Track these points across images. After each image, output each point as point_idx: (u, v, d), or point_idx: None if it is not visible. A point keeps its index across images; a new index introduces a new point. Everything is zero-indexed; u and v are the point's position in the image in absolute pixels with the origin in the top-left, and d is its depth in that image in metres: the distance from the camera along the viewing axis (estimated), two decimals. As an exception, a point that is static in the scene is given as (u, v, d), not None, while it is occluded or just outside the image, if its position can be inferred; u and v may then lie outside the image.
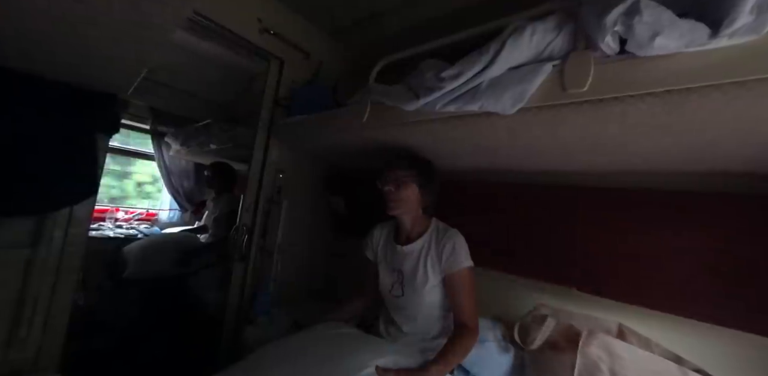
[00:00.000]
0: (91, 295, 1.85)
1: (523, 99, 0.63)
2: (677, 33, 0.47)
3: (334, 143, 1.31)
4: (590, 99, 0.58)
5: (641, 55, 0.52)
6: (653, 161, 0.81)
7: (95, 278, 1.93)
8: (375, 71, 1.00)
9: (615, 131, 0.67)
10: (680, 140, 0.67)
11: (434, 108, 0.74)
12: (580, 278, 0.96)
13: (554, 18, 0.64)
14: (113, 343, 1.77)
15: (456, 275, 0.89)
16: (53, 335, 0.96)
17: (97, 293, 1.90)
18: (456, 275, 0.89)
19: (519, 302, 1.06)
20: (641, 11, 0.49)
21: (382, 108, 0.91)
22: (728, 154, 0.70)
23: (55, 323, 0.96)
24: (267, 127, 1.52)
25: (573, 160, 0.90)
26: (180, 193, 2.81)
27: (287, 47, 1.52)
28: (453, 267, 0.88)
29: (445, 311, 0.97)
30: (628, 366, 0.69)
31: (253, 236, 1.49)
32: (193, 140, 2.27)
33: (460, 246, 0.91)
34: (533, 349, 0.87)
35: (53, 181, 0.87)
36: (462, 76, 0.68)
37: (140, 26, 0.55)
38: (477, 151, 0.96)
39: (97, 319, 1.83)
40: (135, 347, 1.73)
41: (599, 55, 0.58)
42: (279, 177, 1.56)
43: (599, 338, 0.74)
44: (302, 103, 1.44)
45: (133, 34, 0.58)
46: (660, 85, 0.52)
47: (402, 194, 0.94)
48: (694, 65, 0.49)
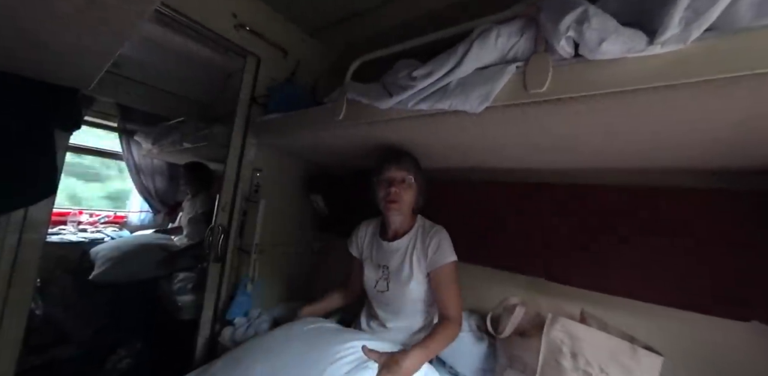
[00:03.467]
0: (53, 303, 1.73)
1: (489, 98, 0.66)
2: (620, 40, 0.52)
3: (312, 141, 1.31)
4: (549, 99, 0.63)
5: (592, 58, 0.57)
6: (611, 158, 0.87)
7: (57, 285, 1.81)
8: (351, 70, 1.02)
9: (574, 130, 0.72)
10: (633, 139, 0.73)
11: (407, 106, 0.77)
12: (548, 268, 1.02)
13: (518, 22, 0.68)
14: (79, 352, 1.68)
15: (442, 269, 0.91)
16: (6, 350, 0.89)
17: (60, 301, 1.79)
18: (442, 269, 0.91)
19: (492, 294, 1.11)
20: (590, 19, 0.53)
21: (358, 106, 0.93)
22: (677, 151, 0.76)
23: (9, 337, 0.89)
24: (244, 125, 1.50)
25: (539, 157, 0.96)
26: (152, 194, 2.69)
27: (264, 44, 1.50)
28: (439, 262, 0.91)
29: (428, 306, 1.00)
30: (586, 347, 0.75)
31: (230, 236, 1.46)
32: (166, 139, 2.19)
33: (446, 242, 0.94)
34: (504, 337, 0.92)
35: (5, 180, 0.81)
36: (432, 76, 0.71)
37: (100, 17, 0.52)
38: (450, 149, 1.00)
39: (60, 328, 1.72)
40: (102, 357, 1.64)
41: (557, 58, 0.62)
42: (257, 175, 1.54)
43: (561, 323, 0.79)
44: (280, 101, 1.43)
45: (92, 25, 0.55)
46: (609, 87, 0.57)
47: (405, 196, 0.95)
48: (636, 69, 0.54)
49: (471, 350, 1.02)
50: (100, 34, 0.58)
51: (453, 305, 0.90)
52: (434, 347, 0.82)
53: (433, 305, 0.99)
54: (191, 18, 1.23)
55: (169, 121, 2.25)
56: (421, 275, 0.94)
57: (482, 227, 1.13)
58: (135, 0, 0.49)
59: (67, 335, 1.72)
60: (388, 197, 0.94)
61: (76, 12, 0.51)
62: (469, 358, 1.02)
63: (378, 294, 1.01)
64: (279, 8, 1.50)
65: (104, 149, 2.62)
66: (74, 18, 0.53)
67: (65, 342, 1.70)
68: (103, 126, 2.49)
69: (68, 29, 0.56)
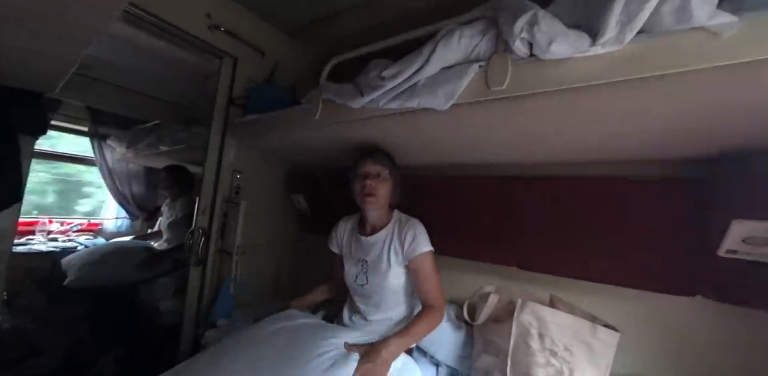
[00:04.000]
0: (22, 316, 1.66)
1: (454, 96, 0.70)
2: (567, 41, 0.57)
3: (290, 141, 1.32)
4: (509, 96, 0.67)
5: (544, 58, 0.61)
6: (571, 151, 0.93)
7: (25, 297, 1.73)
8: (326, 70, 1.04)
9: (534, 125, 0.77)
10: (588, 133, 0.79)
11: (378, 105, 0.80)
12: (519, 257, 1.07)
13: (479, 24, 0.73)
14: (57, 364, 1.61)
15: (419, 259, 0.94)
16: None
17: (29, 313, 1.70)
18: (419, 259, 0.94)
19: (469, 284, 1.15)
20: (539, 21, 0.58)
21: (333, 106, 0.95)
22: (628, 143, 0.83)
23: None
24: (222, 127, 1.49)
25: (508, 152, 1.01)
26: (128, 199, 2.60)
27: (241, 45, 1.49)
28: (415, 252, 0.94)
29: (408, 298, 1.03)
30: (552, 328, 0.80)
31: (211, 238, 1.45)
32: (141, 142, 2.14)
33: (421, 233, 0.97)
34: (479, 324, 0.96)
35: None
36: (401, 75, 0.74)
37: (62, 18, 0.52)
38: (424, 146, 1.04)
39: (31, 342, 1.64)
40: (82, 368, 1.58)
41: (515, 58, 0.67)
42: (237, 177, 1.53)
43: (530, 307, 0.84)
44: (258, 102, 1.43)
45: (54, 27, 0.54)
46: (561, 84, 0.61)
47: (381, 189, 0.98)
48: (583, 68, 0.59)
49: (450, 338, 1.06)
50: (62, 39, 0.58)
51: (433, 293, 0.94)
52: (413, 335, 0.85)
53: (413, 297, 1.03)
54: (163, 19, 1.21)
55: (144, 124, 2.19)
56: (398, 267, 0.97)
57: (458, 220, 1.17)
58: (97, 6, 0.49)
59: (39, 348, 1.64)
60: (363, 190, 0.97)
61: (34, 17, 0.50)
62: (449, 346, 1.06)
63: (358, 288, 1.03)
64: (254, 8, 1.50)
65: (75, 155, 2.52)
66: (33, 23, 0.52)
67: (38, 355, 1.63)
68: (74, 130, 2.40)
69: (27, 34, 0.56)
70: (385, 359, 0.76)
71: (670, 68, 0.49)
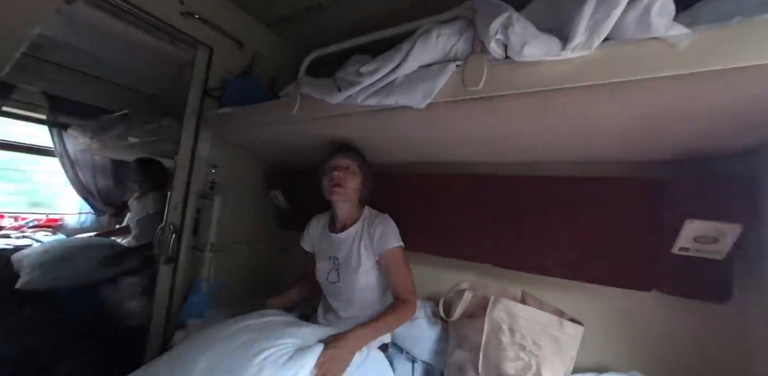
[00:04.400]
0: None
1: (431, 95, 0.71)
2: (539, 44, 0.58)
3: (268, 136, 1.29)
4: (484, 96, 0.68)
5: (518, 60, 0.63)
6: (544, 152, 0.97)
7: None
8: (305, 64, 1.01)
9: (509, 125, 0.79)
10: (559, 134, 0.82)
11: (356, 101, 0.79)
12: (495, 255, 1.10)
13: (458, 23, 0.73)
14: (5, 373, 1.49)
15: (388, 254, 0.95)
16: None
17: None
18: (388, 254, 0.95)
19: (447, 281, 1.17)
20: (513, 24, 0.59)
21: (311, 101, 0.93)
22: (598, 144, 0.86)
23: None
24: (196, 119, 1.42)
25: (485, 150, 1.03)
26: (93, 193, 2.44)
27: (217, 35, 1.43)
28: (384, 247, 0.94)
29: (381, 293, 1.04)
30: (522, 323, 0.83)
31: (183, 235, 1.39)
32: (108, 133, 2.00)
33: (390, 228, 0.98)
34: (454, 320, 0.98)
35: None
36: (378, 72, 0.73)
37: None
38: (402, 144, 1.04)
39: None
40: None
41: (491, 59, 0.68)
42: (212, 172, 1.47)
43: (502, 302, 0.87)
44: (235, 94, 1.38)
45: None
46: (533, 86, 0.63)
47: (349, 181, 0.97)
48: (554, 71, 0.60)
49: (426, 334, 1.08)
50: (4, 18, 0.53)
51: (402, 286, 0.94)
52: (381, 325, 0.84)
53: (386, 293, 1.03)
54: (131, 2, 1.14)
55: (112, 114, 2.06)
56: (369, 263, 0.97)
57: (436, 217, 1.19)
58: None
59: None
60: (332, 182, 0.97)
61: None
62: (424, 342, 1.07)
63: (330, 285, 1.02)
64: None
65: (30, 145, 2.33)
66: None
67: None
68: (30, 118, 2.21)
69: None
70: (350, 345, 0.75)
71: (632, 75, 0.52)
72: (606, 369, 0.91)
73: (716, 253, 0.73)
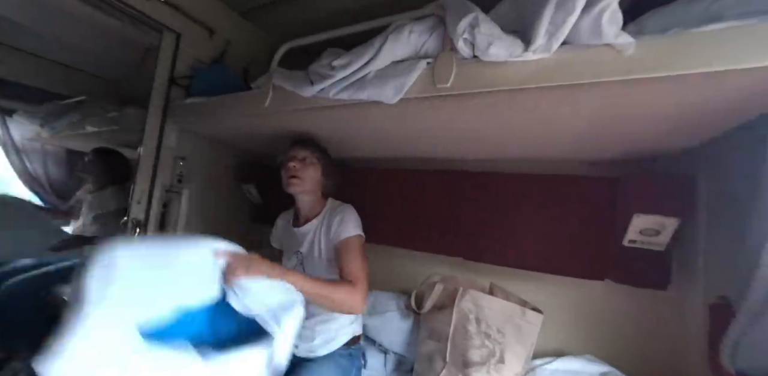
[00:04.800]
0: None
1: (402, 90, 0.71)
2: (503, 45, 0.60)
3: (239, 128, 1.25)
4: (453, 94, 0.70)
5: (484, 59, 0.65)
6: (510, 149, 1.01)
7: None
8: (278, 55, 0.99)
9: (477, 123, 0.82)
10: (523, 133, 0.86)
11: (329, 95, 0.78)
12: (465, 248, 1.14)
13: (429, 20, 0.74)
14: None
15: (344, 242, 0.89)
16: None
17: None
18: (344, 242, 0.89)
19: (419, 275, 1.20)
20: (480, 24, 0.61)
21: (284, 93, 0.91)
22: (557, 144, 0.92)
23: None
24: (162, 108, 1.35)
25: (456, 147, 1.06)
26: (44, 186, 2.25)
27: (185, 20, 1.35)
28: (341, 235, 0.90)
29: None
30: (488, 313, 0.87)
31: (147, 231, 1.32)
32: (60, 120, 1.85)
33: (350, 217, 0.94)
34: (425, 312, 1.01)
35: None
36: (351, 66, 0.73)
37: None
38: (375, 138, 1.04)
39: None
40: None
41: (459, 57, 0.69)
42: (179, 164, 1.41)
43: (470, 294, 0.91)
44: (205, 84, 1.32)
45: None
46: (498, 86, 0.65)
47: (306, 172, 0.96)
48: (517, 72, 0.63)
49: (398, 327, 1.11)
50: None
51: (354, 273, 0.83)
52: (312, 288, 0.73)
53: None
54: (85, -22, 1.05)
55: (65, 100, 1.90)
56: (330, 254, 0.94)
57: (408, 212, 1.21)
58: None
59: None
60: (288, 173, 0.95)
61: None
62: (396, 334, 1.10)
63: None
64: (200, -20, 1.37)
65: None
66: None
67: None
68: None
69: None
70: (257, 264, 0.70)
71: (585, 78, 0.55)
72: (562, 353, 0.97)
73: (658, 245, 0.80)
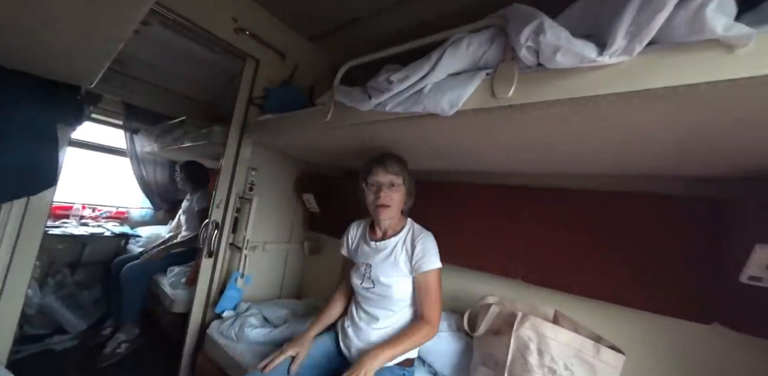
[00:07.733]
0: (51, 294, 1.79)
1: (458, 103, 0.70)
2: (573, 50, 0.55)
3: (304, 141, 1.36)
4: (514, 104, 0.66)
5: (550, 67, 0.60)
6: (579, 163, 0.90)
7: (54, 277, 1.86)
8: (340, 74, 1.06)
9: (539, 134, 0.75)
10: (595, 143, 0.76)
11: (385, 109, 0.81)
12: (525, 271, 1.04)
13: (489, 32, 0.72)
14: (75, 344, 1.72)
15: (425, 275, 0.94)
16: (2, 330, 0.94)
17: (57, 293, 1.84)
18: (425, 275, 0.94)
19: (473, 295, 1.14)
20: (545, 31, 0.57)
21: (344, 108, 0.97)
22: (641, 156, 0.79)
23: (3, 322, 0.94)
24: (241, 125, 1.55)
25: (518, 162, 0.99)
26: (153, 191, 2.76)
27: (263, 48, 1.56)
28: (423, 268, 0.93)
29: (414, 304, 1.01)
30: (552, 344, 0.77)
31: (223, 232, 1.50)
32: (168, 137, 2.26)
33: (432, 248, 0.97)
34: (478, 335, 0.94)
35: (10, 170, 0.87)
36: (408, 80, 0.75)
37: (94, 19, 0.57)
38: (432, 152, 1.03)
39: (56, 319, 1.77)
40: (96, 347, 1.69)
41: (522, 66, 0.66)
42: (252, 174, 1.59)
43: (530, 321, 0.81)
44: (276, 102, 1.49)
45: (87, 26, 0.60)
46: (565, 94, 0.60)
47: (393, 199, 0.98)
48: (589, 78, 0.57)
49: (449, 348, 1.05)
50: (95, 35, 0.64)
51: (431, 309, 0.93)
52: (397, 348, 0.86)
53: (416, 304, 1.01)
54: (194, 22, 1.29)
55: (172, 120, 2.32)
56: (405, 276, 0.97)
57: (464, 228, 1.16)
58: (125, 5, 0.54)
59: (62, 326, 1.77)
60: (377, 201, 0.97)
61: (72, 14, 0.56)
62: (447, 357, 1.04)
63: (364, 291, 1.03)
64: (278, 14, 1.57)
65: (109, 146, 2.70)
66: (71, 19, 0.58)
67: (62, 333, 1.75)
68: (110, 123, 2.58)
69: (66, 30, 0.62)
70: (365, 367, 0.79)
71: (680, 80, 0.47)
72: (650, 407, 0.81)
73: (794, 284, 0.62)
